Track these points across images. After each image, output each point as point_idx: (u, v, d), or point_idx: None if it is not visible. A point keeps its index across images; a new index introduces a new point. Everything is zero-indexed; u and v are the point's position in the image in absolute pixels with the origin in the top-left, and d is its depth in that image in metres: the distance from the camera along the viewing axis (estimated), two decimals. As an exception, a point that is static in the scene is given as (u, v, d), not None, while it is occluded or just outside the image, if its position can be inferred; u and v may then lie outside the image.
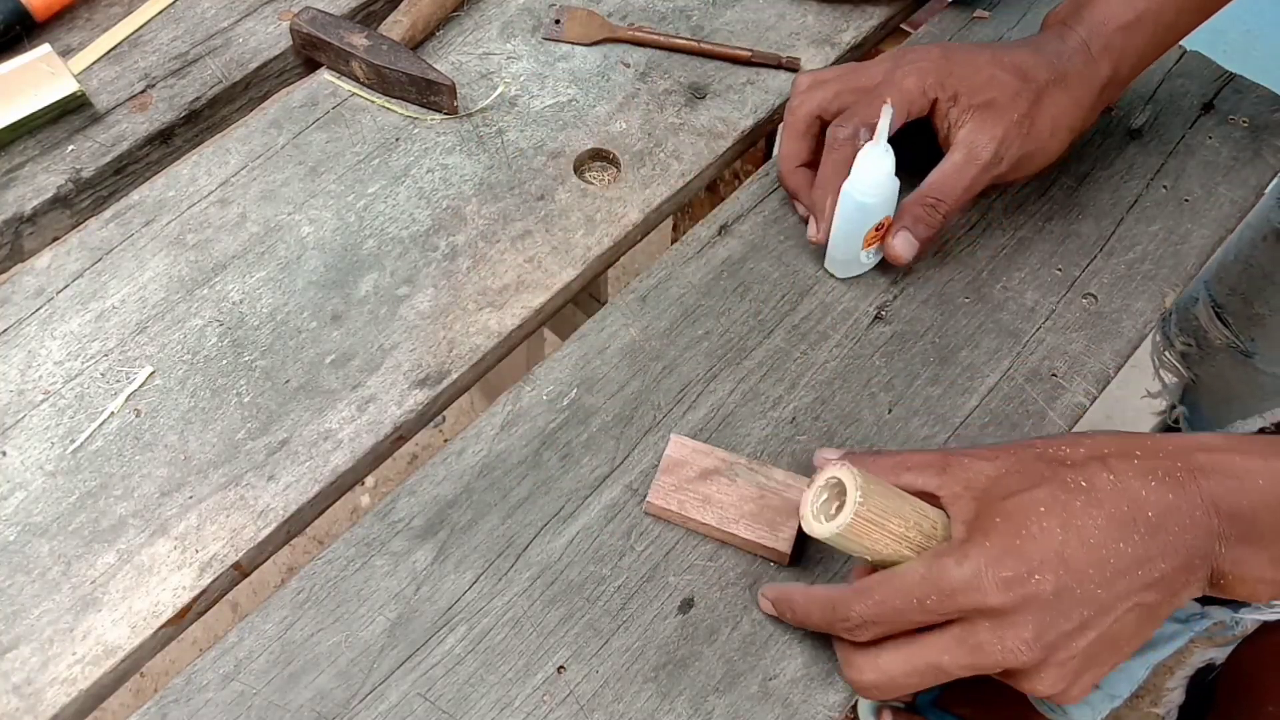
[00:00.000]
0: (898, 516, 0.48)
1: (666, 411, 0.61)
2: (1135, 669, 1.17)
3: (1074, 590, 0.45)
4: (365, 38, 0.72)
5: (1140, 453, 0.47)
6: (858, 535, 0.47)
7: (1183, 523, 0.46)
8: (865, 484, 0.47)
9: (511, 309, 0.64)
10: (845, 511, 0.47)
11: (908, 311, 0.66)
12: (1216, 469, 0.46)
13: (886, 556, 0.48)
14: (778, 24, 0.79)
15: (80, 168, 0.68)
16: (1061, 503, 0.46)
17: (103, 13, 0.75)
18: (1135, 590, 0.45)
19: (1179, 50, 0.79)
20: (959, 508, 0.48)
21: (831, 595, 0.49)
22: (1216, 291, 0.89)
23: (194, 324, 0.63)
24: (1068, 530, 0.45)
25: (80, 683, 0.51)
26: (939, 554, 0.47)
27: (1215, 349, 0.91)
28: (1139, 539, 0.45)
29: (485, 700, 0.52)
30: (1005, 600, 0.45)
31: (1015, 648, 0.45)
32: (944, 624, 0.46)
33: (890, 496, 0.48)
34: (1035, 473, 0.48)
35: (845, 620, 0.48)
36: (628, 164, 0.71)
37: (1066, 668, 0.46)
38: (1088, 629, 0.45)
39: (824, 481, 0.50)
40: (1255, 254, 0.83)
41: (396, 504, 0.57)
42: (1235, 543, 0.46)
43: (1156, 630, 0.48)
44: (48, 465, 0.57)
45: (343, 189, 0.69)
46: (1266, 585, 0.46)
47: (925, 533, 0.48)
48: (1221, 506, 0.46)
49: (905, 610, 0.46)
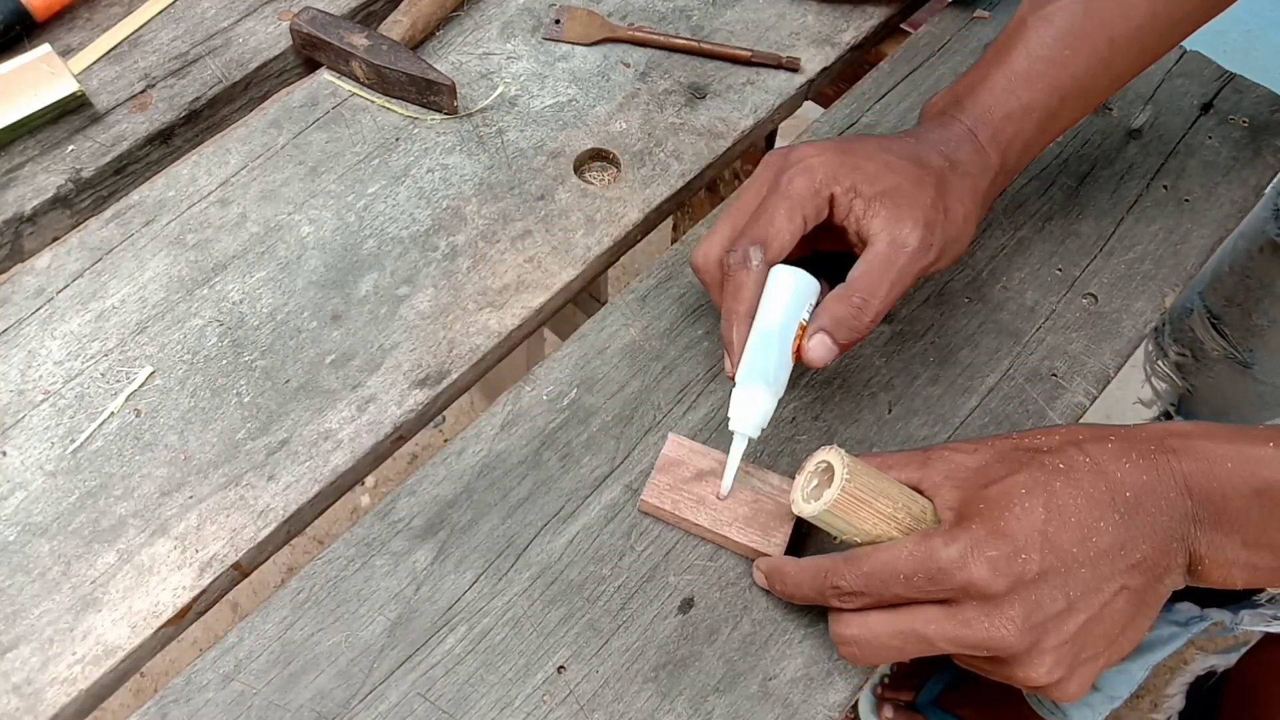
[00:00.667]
0: (885, 497, 0.49)
1: (666, 411, 0.61)
2: (1134, 670, 1.17)
3: (1059, 569, 0.46)
4: (365, 38, 0.72)
5: (1114, 438, 0.49)
6: (844, 512, 0.49)
7: (1159, 503, 0.47)
8: (852, 463, 0.49)
9: (511, 309, 0.64)
10: (833, 488, 0.49)
11: (908, 311, 0.66)
12: (1188, 451, 0.47)
13: (875, 537, 0.49)
14: (778, 24, 0.79)
15: (80, 168, 0.68)
16: (1041, 484, 0.47)
17: (103, 13, 0.75)
18: (1119, 572, 0.46)
19: (1179, 50, 0.79)
20: (943, 496, 0.49)
21: (822, 564, 0.50)
22: (1212, 302, 0.89)
23: (194, 324, 0.63)
24: (1050, 510, 0.46)
25: (80, 683, 0.51)
26: (928, 534, 0.47)
27: (1212, 360, 0.91)
28: (1119, 518, 0.46)
29: (485, 700, 0.52)
30: (993, 580, 0.45)
31: (1002, 627, 0.45)
32: (932, 602, 0.47)
33: (878, 478, 0.49)
34: (1014, 460, 0.49)
35: (835, 588, 0.49)
36: (628, 164, 0.71)
37: (1060, 654, 0.46)
38: (1076, 610, 0.46)
39: (814, 466, 0.51)
40: (1252, 265, 0.83)
41: (396, 504, 0.57)
42: (1208, 525, 0.47)
43: (1151, 621, 0.48)
44: (48, 465, 0.57)
45: (343, 189, 0.69)
46: (1240, 569, 0.47)
47: (914, 515, 0.49)
48: (1194, 487, 0.47)
49: (892, 583, 0.47)
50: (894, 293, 0.55)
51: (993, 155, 0.59)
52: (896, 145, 0.58)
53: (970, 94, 0.60)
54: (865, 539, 0.50)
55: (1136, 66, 0.62)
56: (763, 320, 0.55)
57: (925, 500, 0.50)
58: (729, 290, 0.56)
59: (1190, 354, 0.93)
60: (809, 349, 0.55)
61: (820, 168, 0.56)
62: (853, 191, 0.55)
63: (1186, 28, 0.62)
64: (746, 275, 0.55)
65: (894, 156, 0.56)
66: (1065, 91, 0.59)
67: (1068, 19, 0.59)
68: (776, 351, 0.55)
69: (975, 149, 0.58)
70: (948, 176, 0.57)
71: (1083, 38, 0.59)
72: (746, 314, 0.56)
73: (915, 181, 0.55)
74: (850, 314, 0.54)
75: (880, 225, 0.55)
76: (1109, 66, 0.60)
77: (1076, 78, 0.59)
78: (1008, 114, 0.59)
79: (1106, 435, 0.49)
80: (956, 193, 0.57)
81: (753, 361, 0.55)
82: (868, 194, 0.55)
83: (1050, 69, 0.59)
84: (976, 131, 0.59)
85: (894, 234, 0.54)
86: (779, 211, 0.55)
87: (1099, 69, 0.60)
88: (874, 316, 0.54)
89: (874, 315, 0.54)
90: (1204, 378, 0.93)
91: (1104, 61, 0.60)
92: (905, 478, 0.51)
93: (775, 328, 0.55)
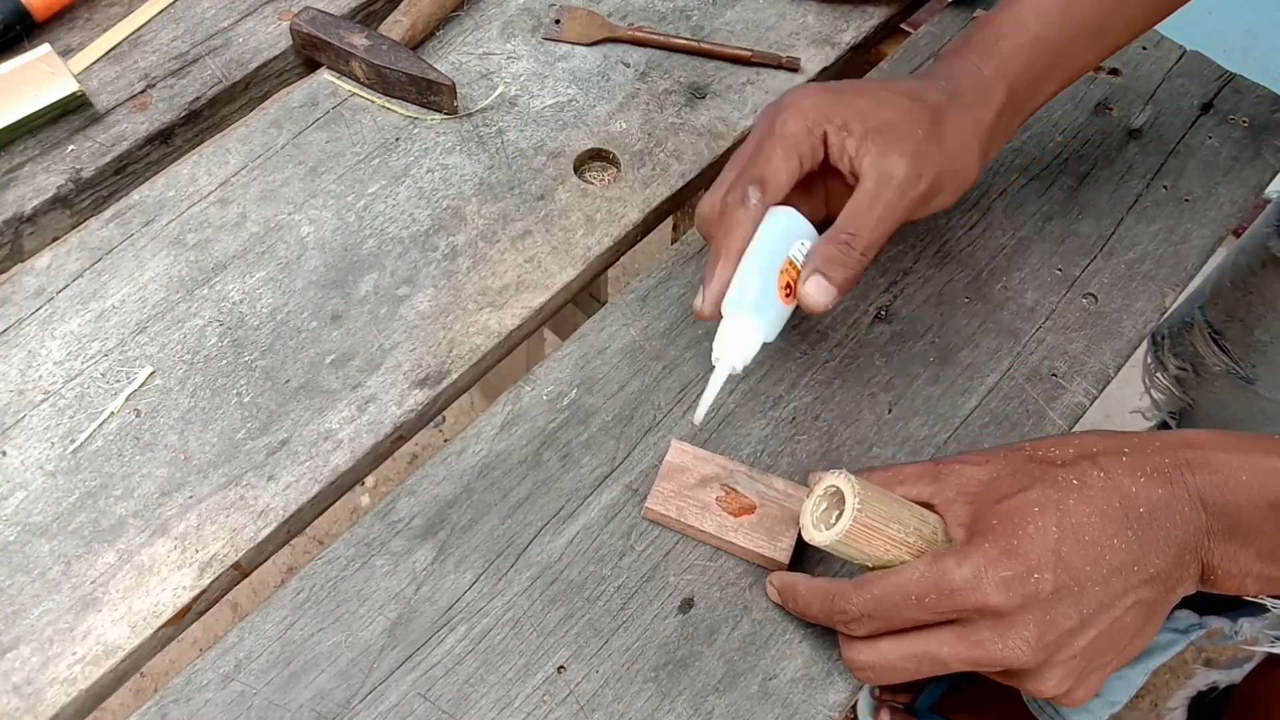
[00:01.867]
0: (896, 522, 0.48)
1: (666, 411, 0.61)
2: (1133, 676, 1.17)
3: (1072, 588, 0.45)
4: (365, 38, 0.72)
5: (1128, 450, 0.48)
6: (857, 541, 0.48)
7: (1173, 518, 0.46)
8: (863, 490, 0.48)
9: (511, 309, 0.64)
10: (844, 518, 0.48)
11: (908, 311, 0.66)
12: (1203, 464, 0.47)
13: (887, 562, 0.49)
14: (778, 24, 0.79)
15: (80, 168, 0.68)
16: (1055, 501, 0.46)
17: (103, 13, 0.75)
18: (1133, 588, 0.46)
19: (1179, 50, 0.79)
20: (955, 513, 0.49)
21: (831, 587, 0.50)
22: (1213, 317, 0.88)
23: (194, 324, 0.63)
24: (1063, 529, 0.46)
25: (80, 683, 0.51)
26: (939, 555, 0.47)
27: (1213, 375, 0.90)
28: (1132, 534, 0.46)
29: (485, 700, 0.52)
30: (1006, 600, 0.45)
31: (1016, 647, 0.45)
32: (944, 622, 0.47)
33: (888, 503, 0.49)
34: (1027, 474, 0.48)
35: (843, 613, 0.49)
36: (628, 164, 0.71)
37: (1070, 667, 0.46)
38: (1088, 627, 0.46)
39: (822, 491, 0.51)
40: (1253, 280, 0.82)
41: (396, 504, 0.57)
42: (1223, 537, 0.46)
43: (1159, 628, 0.48)
44: (48, 465, 0.57)
45: (343, 189, 0.69)
46: (1253, 579, 0.47)
47: (925, 538, 0.48)
48: (1209, 501, 0.46)
49: (903, 606, 0.47)
50: (882, 225, 0.54)
51: (999, 87, 0.58)
52: (893, 84, 0.58)
53: (980, 30, 0.60)
54: (876, 564, 0.49)
55: (1153, 10, 0.62)
56: (750, 254, 0.55)
57: (936, 519, 0.49)
58: (723, 229, 0.55)
59: (1191, 368, 0.93)
60: (806, 292, 0.54)
61: (812, 108, 0.56)
62: (844, 129, 0.55)
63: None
64: (744, 213, 0.55)
65: (887, 93, 0.57)
66: (1078, 25, 0.59)
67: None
68: (758, 278, 0.54)
69: (979, 82, 0.58)
70: (945, 108, 0.56)
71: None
72: (736, 250, 0.55)
73: (907, 115, 0.55)
74: (840, 250, 0.54)
75: (870, 161, 0.54)
76: (1123, 5, 0.60)
77: (1088, 13, 0.59)
78: (1016, 46, 0.59)
79: (1120, 448, 0.48)
80: (955, 124, 0.56)
81: (736, 291, 0.54)
82: (859, 131, 0.55)
83: (1063, 2, 0.59)
84: (982, 65, 0.59)
85: (881, 168, 0.54)
86: (775, 152, 0.55)
87: (1113, 5, 0.60)
88: (864, 249, 0.54)
89: (864, 248, 0.54)
90: (1205, 392, 0.92)
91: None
92: (916, 493, 0.51)
93: (759, 259, 0.54)
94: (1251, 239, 0.83)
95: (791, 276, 0.55)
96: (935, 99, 0.57)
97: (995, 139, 0.59)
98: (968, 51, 0.59)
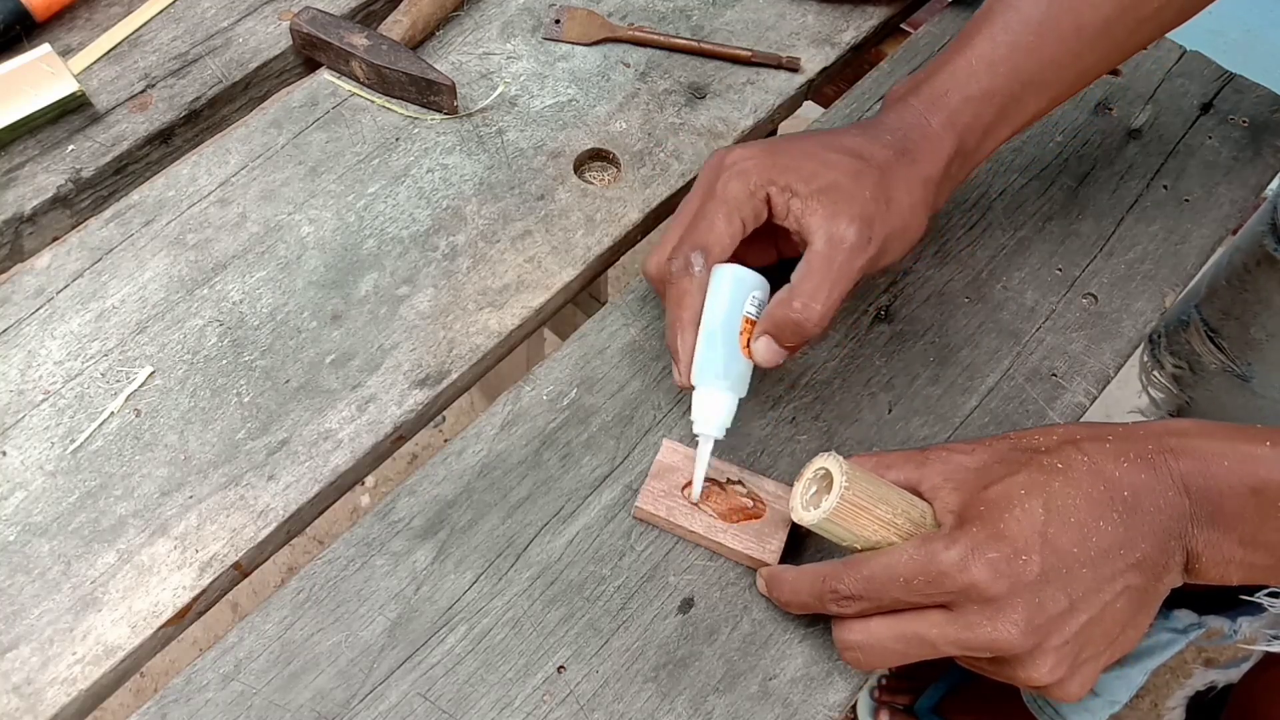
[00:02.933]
0: (884, 503, 0.49)
1: (666, 411, 0.61)
2: (1133, 675, 1.17)
3: (1060, 570, 0.46)
4: (365, 38, 0.72)
5: (1112, 437, 0.49)
6: (844, 520, 0.48)
7: (1157, 503, 0.47)
8: (851, 470, 0.49)
9: (511, 309, 0.64)
10: (832, 495, 0.48)
11: (908, 311, 0.66)
12: (1185, 451, 0.47)
13: (875, 544, 0.49)
14: (778, 24, 0.79)
15: (80, 168, 0.68)
16: (1040, 484, 0.47)
17: (103, 13, 0.75)
18: (1120, 572, 0.46)
19: (1179, 50, 0.79)
20: (943, 499, 0.49)
21: (821, 569, 0.50)
22: (1209, 315, 0.88)
23: (194, 324, 0.63)
24: (1049, 511, 0.46)
25: (80, 683, 0.51)
26: (928, 538, 0.47)
27: (1210, 373, 0.90)
28: (1117, 517, 0.46)
29: (485, 700, 0.52)
30: (993, 582, 0.45)
31: (1005, 629, 0.45)
32: (934, 605, 0.47)
33: (877, 484, 0.49)
34: (1013, 460, 0.49)
35: (834, 592, 0.49)
36: (628, 164, 0.71)
37: (1061, 653, 0.46)
38: (1078, 611, 0.46)
39: (812, 473, 0.51)
40: (1249, 279, 0.83)
41: (396, 504, 0.57)
42: (1205, 523, 0.47)
43: (1150, 619, 0.48)
44: (48, 465, 0.57)
45: (343, 189, 0.69)
46: (1236, 566, 0.47)
47: (914, 520, 0.49)
48: (1191, 487, 0.47)
49: (892, 587, 0.47)
50: (835, 291, 0.53)
51: (947, 140, 0.57)
52: (837, 140, 0.57)
53: (929, 79, 0.58)
54: (865, 545, 0.49)
55: (1104, 61, 0.60)
56: (707, 320, 0.56)
57: (924, 504, 0.50)
58: (673, 298, 0.56)
59: (1187, 366, 0.93)
60: (755, 351, 0.55)
61: (754, 170, 0.55)
62: (788, 191, 0.55)
63: (1155, 27, 0.60)
64: (690, 281, 0.55)
65: (832, 153, 0.55)
66: (1028, 79, 0.58)
67: (1034, 6, 0.58)
68: (721, 346, 0.55)
69: (926, 135, 0.57)
70: (892, 166, 0.55)
71: (1049, 25, 0.57)
72: (691, 320, 0.56)
73: (853, 175, 0.54)
74: (792, 318, 0.54)
75: (818, 223, 0.54)
76: (1076, 58, 0.59)
77: (1041, 66, 0.58)
78: (966, 98, 0.57)
79: (1104, 435, 0.49)
80: (902, 182, 0.55)
81: (702, 361, 0.55)
82: (804, 192, 0.54)
83: (1014, 55, 0.57)
84: (930, 116, 0.57)
85: (830, 231, 0.53)
86: (717, 216, 0.55)
87: (1065, 59, 0.59)
88: (819, 318, 0.53)
89: (819, 317, 0.53)
90: (1201, 390, 0.92)
91: (1071, 52, 0.58)
92: (903, 478, 0.51)
93: (717, 324, 0.55)
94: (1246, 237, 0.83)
95: (750, 334, 0.56)
96: (881, 156, 0.56)
97: (944, 188, 0.58)
98: (915, 101, 0.58)
